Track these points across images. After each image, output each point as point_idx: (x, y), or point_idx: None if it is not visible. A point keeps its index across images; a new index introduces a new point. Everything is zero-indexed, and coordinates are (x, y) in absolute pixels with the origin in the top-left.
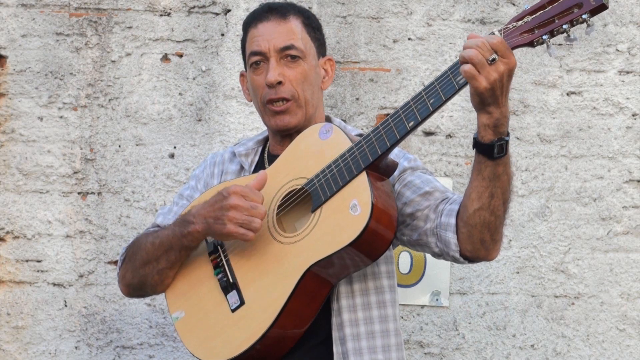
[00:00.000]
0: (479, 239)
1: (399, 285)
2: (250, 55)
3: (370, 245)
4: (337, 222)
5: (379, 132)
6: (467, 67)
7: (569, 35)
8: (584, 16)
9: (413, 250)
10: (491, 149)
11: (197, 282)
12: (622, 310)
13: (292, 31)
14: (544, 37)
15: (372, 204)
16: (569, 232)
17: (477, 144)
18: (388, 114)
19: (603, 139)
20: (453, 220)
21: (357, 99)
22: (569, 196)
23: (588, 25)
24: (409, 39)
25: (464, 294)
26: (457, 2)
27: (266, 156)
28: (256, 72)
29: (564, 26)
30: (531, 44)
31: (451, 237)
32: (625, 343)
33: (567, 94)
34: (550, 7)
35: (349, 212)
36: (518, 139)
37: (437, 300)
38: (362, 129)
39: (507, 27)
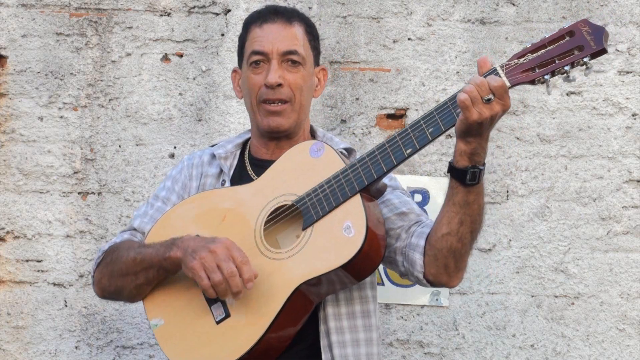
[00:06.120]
0: (443, 263)
1: (399, 285)
2: (252, 54)
3: (360, 267)
4: (329, 242)
5: (374, 156)
6: (462, 97)
7: (568, 76)
8: (584, 59)
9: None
10: (464, 175)
11: (178, 291)
12: (621, 310)
13: (296, 37)
14: (545, 76)
15: (367, 227)
16: (569, 232)
17: (451, 169)
18: (388, 114)
19: (603, 139)
20: (422, 242)
21: (357, 99)
22: (569, 196)
23: (587, 68)
24: (409, 39)
25: (463, 293)
26: (456, 2)
27: (247, 160)
28: (255, 71)
29: (565, 67)
30: (532, 82)
31: (418, 257)
32: (625, 343)
33: (567, 94)
34: (551, 47)
35: (343, 233)
36: (518, 139)
37: (437, 300)
38: (362, 129)
39: (509, 64)
